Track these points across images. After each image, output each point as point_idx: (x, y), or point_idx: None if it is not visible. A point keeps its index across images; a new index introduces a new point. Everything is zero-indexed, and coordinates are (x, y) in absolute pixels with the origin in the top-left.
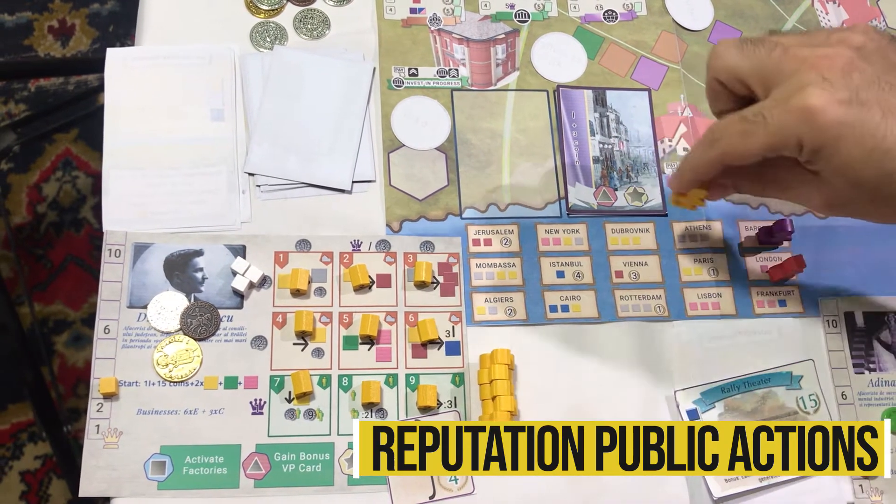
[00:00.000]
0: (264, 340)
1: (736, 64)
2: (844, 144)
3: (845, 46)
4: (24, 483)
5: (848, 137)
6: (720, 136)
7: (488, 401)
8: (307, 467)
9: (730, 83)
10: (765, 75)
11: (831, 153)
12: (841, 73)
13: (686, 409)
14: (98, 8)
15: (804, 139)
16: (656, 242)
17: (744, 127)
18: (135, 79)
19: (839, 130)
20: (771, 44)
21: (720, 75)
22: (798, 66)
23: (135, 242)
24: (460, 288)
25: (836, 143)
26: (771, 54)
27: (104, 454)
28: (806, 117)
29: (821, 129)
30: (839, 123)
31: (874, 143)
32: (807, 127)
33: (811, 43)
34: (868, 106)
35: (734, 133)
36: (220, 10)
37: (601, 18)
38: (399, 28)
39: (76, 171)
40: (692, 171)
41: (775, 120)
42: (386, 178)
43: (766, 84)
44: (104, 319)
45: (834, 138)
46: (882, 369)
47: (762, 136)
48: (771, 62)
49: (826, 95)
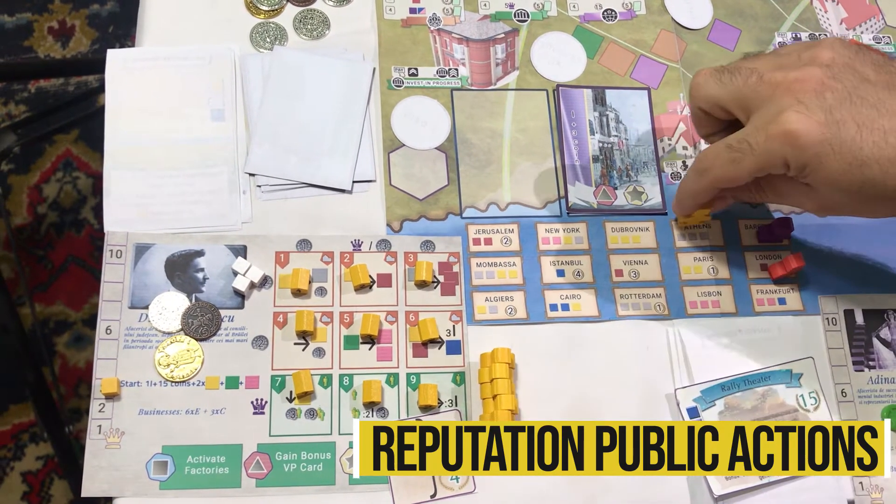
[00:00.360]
0: (265, 340)
1: (715, 93)
2: (826, 160)
3: (815, 66)
4: (26, 483)
5: (829, 154)
6: (709, 165)
7: (489, 399)
8: (308, 467)
9: (712, 110)
10: (744, 102)
11: (815, 168)
12: (814, 94)
13: (686, 408)
14: (98, 9)
15: (789, 159)
16: (656, 241)
17: (731, 155)
18: (135, 80)
19: (820, 149)
20: (746, 71)
21: (701, 104)
22: (773, 91)
23: (136, 243)
24: (461, 287)
25: (819, 160)
26: (747, 82)
27: (106, 454)
28: (788, 140)
29: (803, 149)
30: (819, 143)
31: (852, 156)
32: (790, 148)
33: (783, 66)
34: (843, 122)
35: (723, 162)
36: (220, 10)
37: (600, 17)
38: (399, 28)
39: (77, 172)
40: (690, 198)
41: (760, 146)
42: (386, 178)
43: (745, 110)
44: (105, 320)
45: (816, 156)
46: (882, 367)
47: (749, 161)
48: (748, 89)
49: (803, 119)
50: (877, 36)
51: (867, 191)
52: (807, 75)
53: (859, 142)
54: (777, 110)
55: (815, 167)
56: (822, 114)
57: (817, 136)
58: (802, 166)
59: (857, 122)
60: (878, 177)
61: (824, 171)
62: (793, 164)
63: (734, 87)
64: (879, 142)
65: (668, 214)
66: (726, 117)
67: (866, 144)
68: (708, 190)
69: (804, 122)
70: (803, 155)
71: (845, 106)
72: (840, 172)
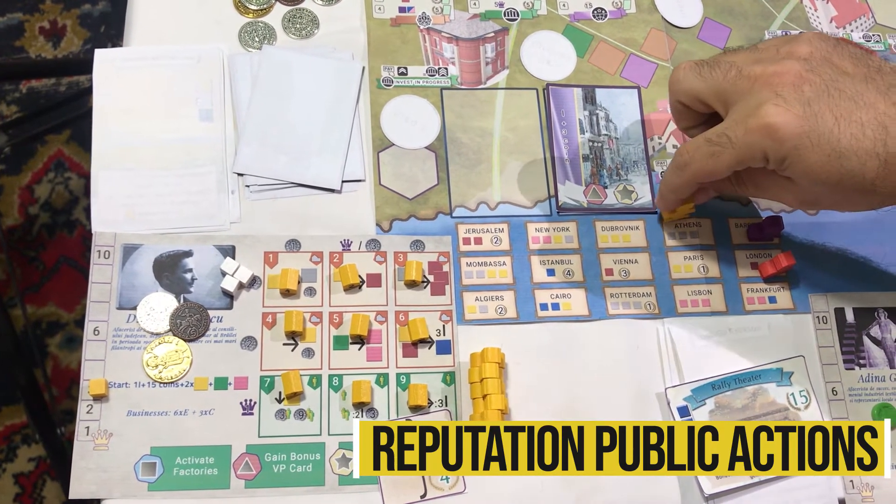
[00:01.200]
0: (254, 341)
1: (695, 87)
2: (805, 152)
3: (794, 60)
4: (18, 485)
5: (807, 146)
6: (689, 159)
7: (479, 399)
8: (298, 467)
9: (691, 104)
10: (723, 95)
11: (794, 161)
12: (792, 87)
13: (677, 407)
14: (89, 9)
15: (768, 152)
16: (646, 240)
17: (711, 149)
18: (123, 80)
19: (798, 141)
20: (726, 65)
21: (681, 98)
22: (752, 85)
23: (124, 244)
24: (451, 287)
25: (798, 152)
26: (726, 75)
27: (94, 456)
28: (767, 133)
29: (781, 141)
30: (797, 135)
31: (830, 148)
32: (769, 141)
33: (762, 60)
34: (821, 115)
35: (703, 156)
36: (209, 10)
37: (590, 16)
38: (388, 27)
39: (68, 173)
40: (672, 192)
41: (739, 140)
42: (376, 178)
43: (725, 103)
44: (93, 321)
45: (795, 148)
46: (872, 365)
47: (729, 155)
48: (727, 83)
49: (782, 111)
50: (866, 34)
51: (846, 183)
52: (785, 69)
53: (837, 134)
54: (756, 104)
55: (794, 160)
56: (801, 107)
57: (796, 128)
58: (781, 159)
59: (834, 115)
60: (856, 168)
61: (803, 164)
62: (772, 157)
63: (713, 81)
64: (857, 134)
65: (659, 213)
66: (706, 111)
67: (844, 136)
68: (689, 184)
69: (783, 114)
70: (782, 148)
71: (823, 99)
72: (819, 164)
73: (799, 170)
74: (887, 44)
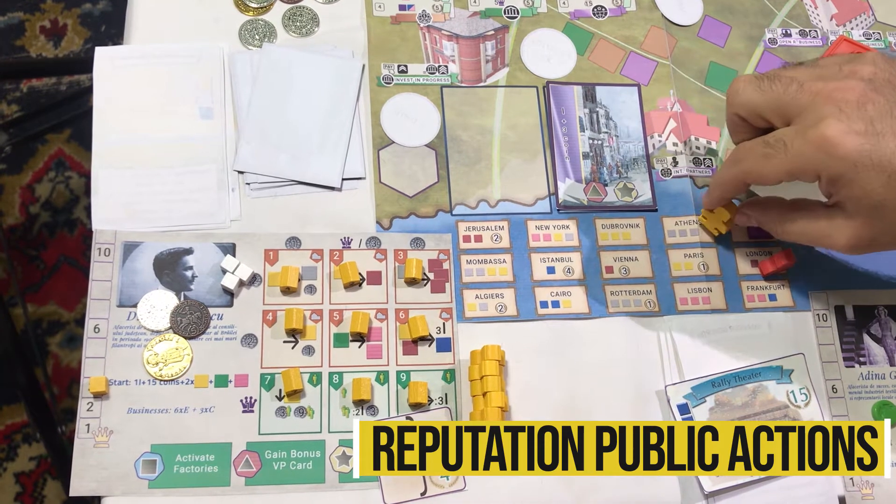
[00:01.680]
0: (254, 338)
1: (754, 100)
2: (863, 172)
3: (857, 79)
4: (19, 484)
5: (866, 165)
6: (743, 157)
7: (479, 397)
8: (298, 465)
9: (749, 118)
10: (783, 110)
11: (851, 180)
12: (856, 105)
13: (677, 404)
14: (90, 8)
15: (822, 168)
16: (646, 238)
17: (765, 150)
18: (123, 78)
19: (857, 159)
20: (787, 80)
21: (740, 111)
22: (814, 99)
23: (124, 241)
24: (451, 284)
25: (855, 171)
26: (787, 90)
27: (95, 453)
28: (824, 147)
29: (839, 158)
30: (857, 152)
31: (892, 169)
32: (825, 156)
33: (824, 76)
34: (883, 135)
35: (756, 155)
36: (209, 8)
37: (590, 14)
38: (388, 25)
39: (69, 172)
40: (718, 187)
41: (795, 148)
42: (376, 176)
43: (784, 117)
44: (94, 318)
45: (853, 166)
46: (872, 363)
47: (782, 160)
48: (787, 97)
49: (843, 126)
50: (867, 32)
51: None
52: (848, 86)
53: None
54: (817, 117)
55: (850, 179)
56: (862, 124)
57: (855, 145)
58: (836, 177)
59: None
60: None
61: (860, 185)
62: (826, 175)
63: (774, 95)
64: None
65: (659, 211)
66: (763, 125)
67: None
68: (735, 181)
69: (843, 129)
70: (839, 164)
71: (886, 119)
72: (878, 185)
73: (855, 192)
74: (887, 41)
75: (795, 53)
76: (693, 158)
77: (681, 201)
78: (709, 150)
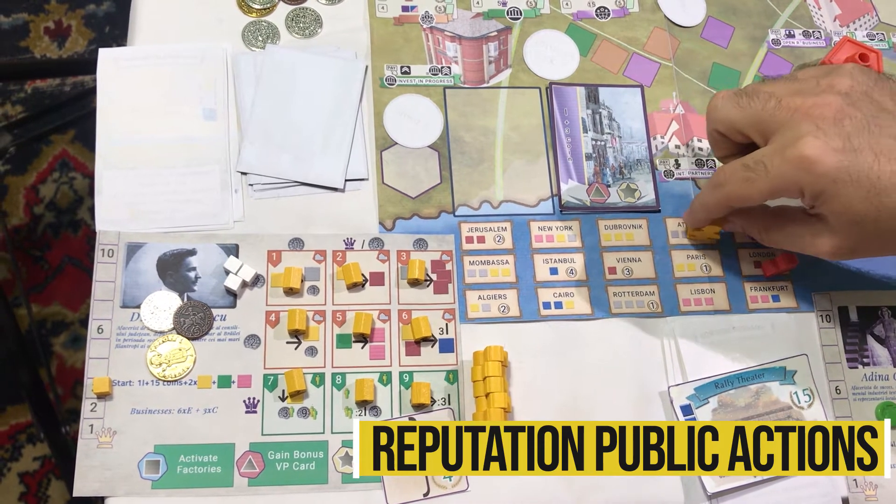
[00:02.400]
0: (257, 339)
1: (733, 117)
2: (843, 188)
3: (834, 94)
4: (23, 484)
5: (846, 181)
6: (725, 181)
7: (482, 398)
8: (301, 466)
9: (729, 133)
10: (761, 126)
11: (831, 196)
12: (833, 121)
13: (680, 405)
14: (94, 9)
15: (804, 186)
16: (649, 238)
17: (746, 174)
18: (127, 79)
19: (836, 175)
20: (765, 95)
21: (719, 127)
22: (791, 116)
23: (128, 242)
24: (453, 285)
25: (835, 188)
26: (765, 106)
27: (98, 454)
28: (804, 166)
29: (819, 175)
30: (836, 169)
31: (870, 184)
32: (805, 174)
33: (802, 91)
34: (860, 151)
35: (738, 179)
36: (212, 9)
37: (593, 15)
38: (391, 26)
39: (73, 173)
40: (702, 210)
41: (775, 169)
42: (379, 177)
43: (763, 134)
44: (97, 319)
45: (832, 182)
46: (876, 364)
47: (763, 182)
48: (766, 114)
49: (821, 144)
50: (870, 32)
51: (886, 222)
52: (825, 101)
53: (877, 170)
54: (795, 136)
55: (831, 195)
56: (840, 141)
57: (834, 162)
58: (818, 193)
59: (874, 151)
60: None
61: (840, 200)
62: (807, 191)
63: (752, 111)
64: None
65: (662, 212)
66: (743, 140)
67: (884, 174)
68: (720, 205)
69: (821, 148)
70: (819, 182)
71: (863, 135)
72: (857, 200)
73: (836, 207)
74: (891, 42)
75: (799, 54)
76: (695, 160)
77: (684, 203)
78: (711, 153)
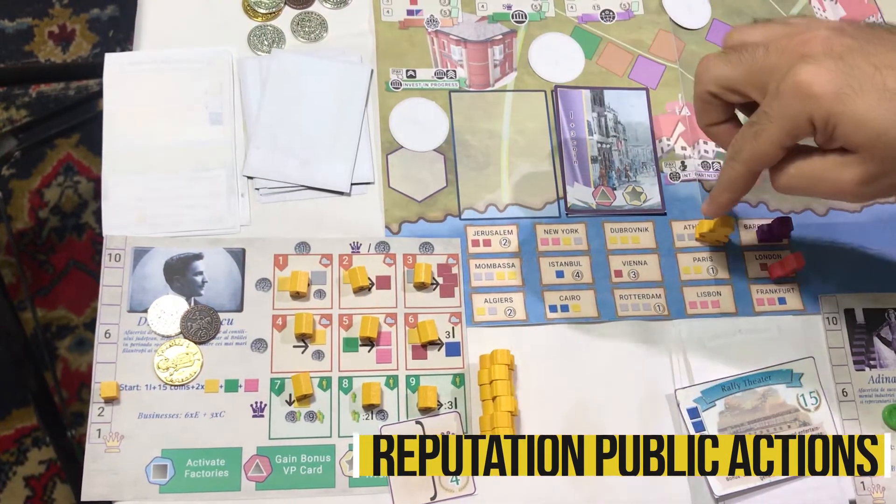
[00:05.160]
0: (264, 343)
1: (726, 73)
2: (849, 102)
3: (823, 28)
4: (29, 488)
5: (849, 95)
6: (738, 147)
7: (489, 401)
8: (308, 469)
9: (722, 93)
10: (755, 77)
11: (840, 115)
12: (822, 48)
13: (687, 408)
14: (98, 13)
15: (811, 114)
16: (655, 241)
17: (754, 129)
18: (133, 83)
19: (838, 90)
20: (752, 46)
21: (712, 87)
22: (780, 56)
23: (135, 247)
24: (460, 289)
25: (842, 105)
26: (755, 56)
27: (106, 458)
28: (802, 92)
29: (820, 97)
30: (834, 84)
31: (877, 92)
32: (806, 100)
33: (790, 33)
34: (857, 65)
35: (748, 138)
36: (218, 13)
37: (598, 18)
38: (396, 30)
39: (78, 177)
40: (728, 190)
41: (776, 110)
42: (385, 180)
43: (760, 87)
44: (105, 324)
45: (836, 99)
46: (883, 366)
47: (772, 129)
48: (757, 64)
49: (812, 68)
50: None
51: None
52: (813, 35)
53: (880, 79)
54: (786, 71)
55: (839, 114)
56: (832, 61)
57: (831, 78)
58: (826, 118)
59: (874, 63)
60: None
61: (852, 116)
62: (817, 120)
63: (745, 65)
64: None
65: (668, 215)
66: (736, 100)
67: (890, 78)
68: (744, 176)
69: (813, 71)
70: (823, 104)
71: (856, 54)
72: (869, 109)
73: (849, 125)
74: None
75: None
76: (701, 162)
77: (690, 205)
78: (717, 154)
